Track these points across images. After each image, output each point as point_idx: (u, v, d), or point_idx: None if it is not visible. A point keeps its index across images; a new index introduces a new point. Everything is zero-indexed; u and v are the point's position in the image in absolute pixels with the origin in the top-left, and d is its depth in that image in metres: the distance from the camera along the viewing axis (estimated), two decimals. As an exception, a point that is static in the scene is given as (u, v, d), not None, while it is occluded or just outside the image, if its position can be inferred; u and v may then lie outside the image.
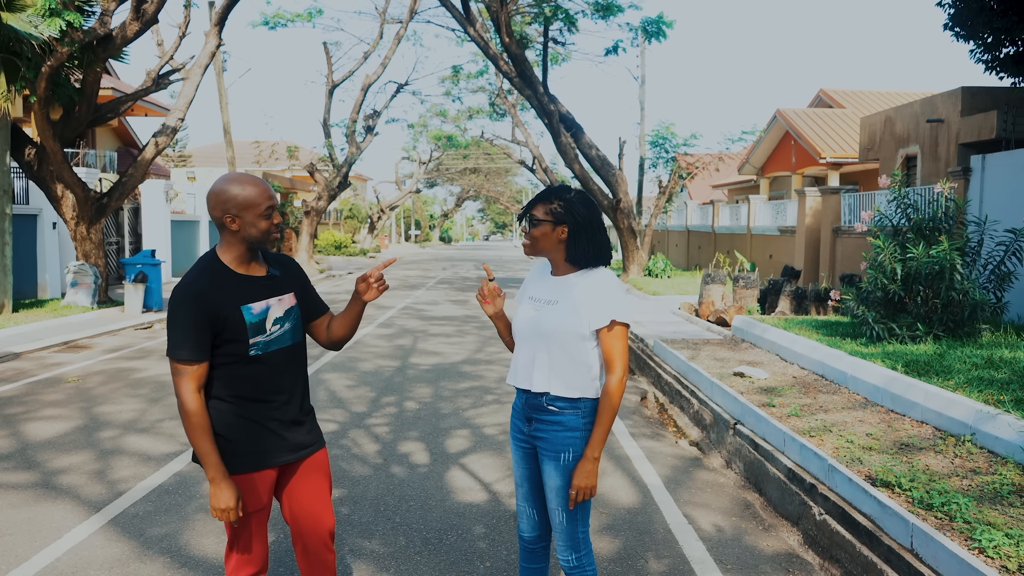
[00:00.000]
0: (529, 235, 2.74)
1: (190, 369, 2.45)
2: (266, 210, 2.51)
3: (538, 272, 2.88)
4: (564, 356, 2.67)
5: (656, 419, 7.16)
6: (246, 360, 2.51)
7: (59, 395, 7.60)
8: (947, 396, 5.44)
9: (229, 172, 2.73)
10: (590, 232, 2.70)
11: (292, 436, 2.63)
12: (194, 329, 2.44)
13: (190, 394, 2.45)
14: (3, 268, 12.83)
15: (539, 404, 2.72)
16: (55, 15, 10.39)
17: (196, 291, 2.47)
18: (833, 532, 4.12)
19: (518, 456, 2.87)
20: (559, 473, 2.68)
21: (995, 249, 7.92)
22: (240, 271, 2.56)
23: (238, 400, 2.53)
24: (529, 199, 2.82)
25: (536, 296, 2.79)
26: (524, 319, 2.79)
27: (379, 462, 5.50)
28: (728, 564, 3.92)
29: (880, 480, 4.22)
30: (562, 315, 2.67)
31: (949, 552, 3.34)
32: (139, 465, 5.38)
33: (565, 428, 2.68)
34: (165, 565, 3.79)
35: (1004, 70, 11.38)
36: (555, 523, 2.74)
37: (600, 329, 2.65)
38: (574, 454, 2.67)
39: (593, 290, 2.66)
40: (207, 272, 2.52)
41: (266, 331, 2.54)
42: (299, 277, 2.76)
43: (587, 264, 2.72)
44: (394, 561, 3.88)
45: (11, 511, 4.49)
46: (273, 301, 2.59)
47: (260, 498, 2.59)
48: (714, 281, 12.67)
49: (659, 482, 5.19)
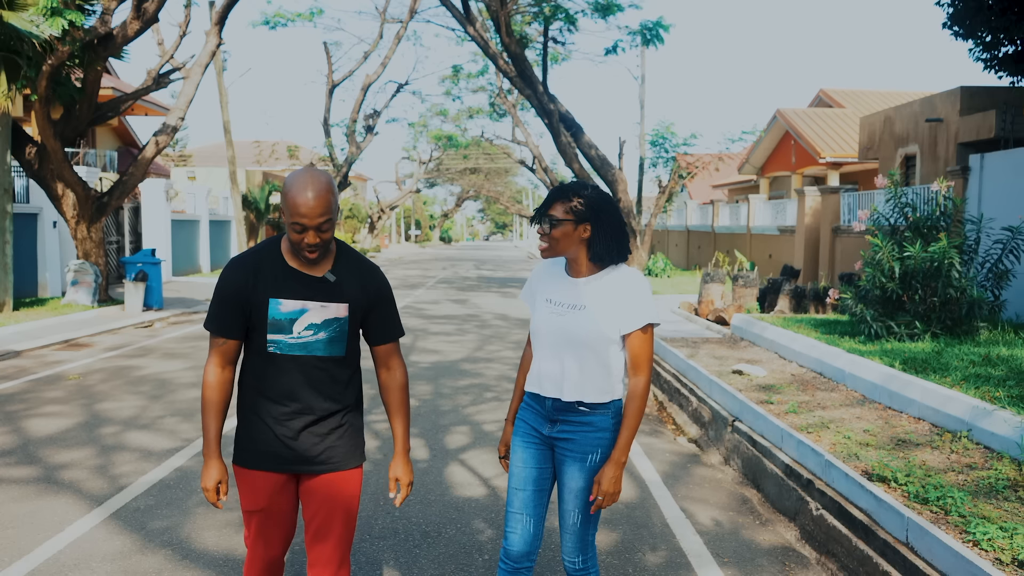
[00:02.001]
0: (549, 236, 2.57)
1: (215, 342, 2.41)
2: (296, 225, 2.29)
3: (549, 271, 2.74)
4: (596, 362, 2.57)
5: (655, 416, 7.19)
6: (264, 354, 2.41)
7: (60, 392, 7.63)
8: (944, 393, 5.48)
9: (308, 166, 2.52)
10: (613, 228, 2.58)
11: (302, 448, 2.45)
12: (222, 303, 2.39)
13: (210, 367, 2.42)
14: (4, 266, 12.86)
15: (567, 406, 2.61)
16: (57, 14, 10.43)
17: (236, 268, 2.40)
18: (830, 527, 4.15)
19: (528, 457, 2.70)
20: (584, 475, 2.59)
21: (992, 247, 7.96)
22: (293, 264, 2.41)
23: (253, 392, 2.45)
24: (544, 199, 2.66)
25: (556, 299, 2.64)
26: (548, 326, 2.63)
27: (379, 457, 5.54)
28: (725, 558, 3.95)
29: (876, 475, 4.25)
30: (593, 321, 2.55)
31: (944, 545, 3.37)
32: (140, 461, 5.41)
33: (595, 428, 2.60)
34: (166, 558, 3.82)
35: (1003, 69, 11.42)
36: (567, 524, 2.64)
37: (630, 334, 2.57)
38: (602, 455, 2.60)
39: (624, 293, 2.56)
40: (259, 254, 2.43)
41: (291, 332, 2.39)
42: (371, 291, 2.50)
43: (612, 261, 2.60)
44: (393, 553, 3.91)
45: (13, 505, 4.52)
46: (314, 305, 2.40)
47: (257, 498, 2.46)
48: (713, 280, 12.71)
49: (657, 478, 5.22)
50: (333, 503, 2.49)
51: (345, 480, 2.51)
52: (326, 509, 2.49)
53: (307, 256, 2.34)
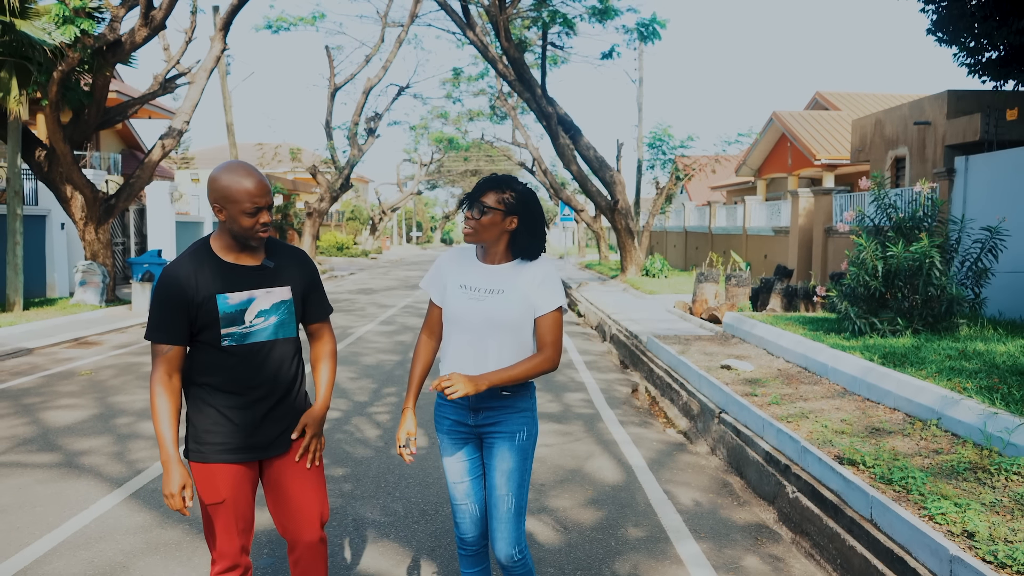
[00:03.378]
0: (477, 223, 2.66)
1: (161, 350, 2.45)
2: (250, 208, 2.41)
3: (458, 259, 2.82)
4: (514, 343, 2.68)
5: (646, 410, 7.47)
6: (219, 350, 2.47)
7: (74, 387, 7.93)
8: (916, 384, 5.76)
9: (231, 159, 2.62)
10: (537, 225, 2.71)
11: (264, 433, 2.55)
12: (167, 312, 2.44)
13: (157, 375, 2.46)
14: (15, 267, 13.17)
15: (490, 392, 2.69)
16: (69, 22, 10.77)
17: (173, 275, 2.47)
18: (804, 508, 4.43)
19: (458, 450, 2.80)
20: (514, 454, 2.71)
21: (972, 246, 8.24)
22: (228, 259, 2.51)
23: (208, 388, 2.50)
24: (476, 185, 2.74)
25: (472, 285, 2.71)
26: (468, 310, 2.69)
27: (380, 445, 5.84)
28: (701, 533, 4.25)
29: (847, 459, 4.53)
30: (513, 304, 2.66)
31: (903, 520, 3.65)
32: (155, 448, 5.71)
33: (518, 410, 2.73)
34: (185, 532, 4.13)
35: (986, 73, 11.70)
36: (501, 513, 2.70)
37: (542, 315, 2.70)
38: (528, 432, 2.74)
39: (538, 278, 2.69)
40: (191, 258, 2.50)
41: (244, 322, 2.48)
42: (305, 273, 2.65)
43: (530, 256, 2.72)
44: (394, 528, 4.22)
45: (38, 486, 4.83)
46: (260, 292, 2.52)
47: (217, 491, 2.51)
48: (707, 280, 13.00)
49: (643, 463, 5.51)
50: (303, 475, 2.61)
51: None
52: (297, 484, 2.60)
53: (260, 237, 2.47)
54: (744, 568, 3.84)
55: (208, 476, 2.51)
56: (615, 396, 7.92)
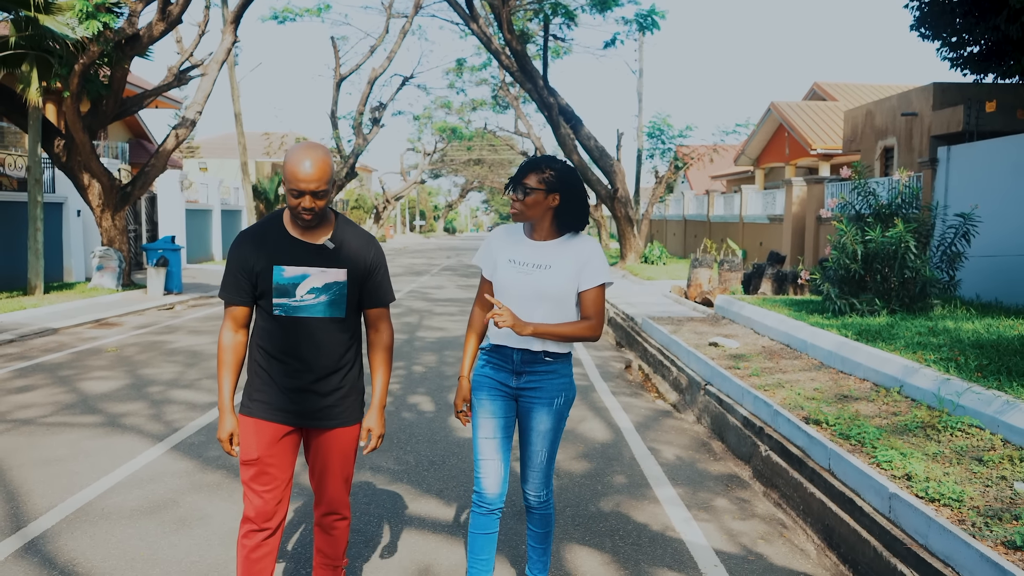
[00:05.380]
0: (522, 203, 2.85)
1: (228, 309, 2.66)
2: (294, 189, 2.48)
3: (508, 236, 3.01)
4: (560, 315, 2.87)
5: (639, 383, 8.00)
6: (271, 317, 2.62)
7: (103, 361, 8.48)
8: (883, 356, 6.28)
9: (309, 141, 2.62)
10: (579, 200, 2.89)
11: (301, 403, 2.67)
12: (232, 272, 2.62)
13: (224, 331, 2.67)
14: (36, 252, 13.71)
15: (534, 358, 2.91)
16: (92, 17, 11.28)
17: (242, 240, 2.64)
18: (774, 464, 4.95)
19: (496, 408, 2.95)
20: (551, 417, 2.93)
21: (946, 232, 8.74)
22: (294, 234, 2.61)
23: (261, 351, 2.67)
24: (518, 168, 2.92)
25: (520, 260, 2.90)
26: (516, 282, 2.87)
27: (391, 409, 6.39)
28: (679, 481, 4.79)
29: (812, 419, 5.06)
30: (560, 278, 2.84)
31: (853, 467, 4.18)
32: (188, 411, 6.27)
33: (559, 375, 2.94)
34: (224, 476, 4.69)
35: (968, 67, 12.18)
36: (535, 464, 2.96)
37: (588, 289, 2.89)
38: (565, 398, 2.96)
39: (584, 256, 2.88)
40: (264, 226, 2.66)
41: (295, 296, 2.59)
42: (366, 260, 2.69)
43: (572, 229, 2.92)
44: (407, 475, 4.78)
45: (87, 441, 5.39)
46: (315, 271, 2.60)
47: (251, 448, 2.64)
48: (702, 265, 13.52)
49: (631, 426, 6.06)
50: (331, 454, 2.75)
51: (344, 435, 2.76)
52: (323, 459, 2.75)
53: (304, 219, 2.54)
54: (713, 507, 4.38)
55: (249, 431, 2.66)
56: (609, 371, 8.46)
